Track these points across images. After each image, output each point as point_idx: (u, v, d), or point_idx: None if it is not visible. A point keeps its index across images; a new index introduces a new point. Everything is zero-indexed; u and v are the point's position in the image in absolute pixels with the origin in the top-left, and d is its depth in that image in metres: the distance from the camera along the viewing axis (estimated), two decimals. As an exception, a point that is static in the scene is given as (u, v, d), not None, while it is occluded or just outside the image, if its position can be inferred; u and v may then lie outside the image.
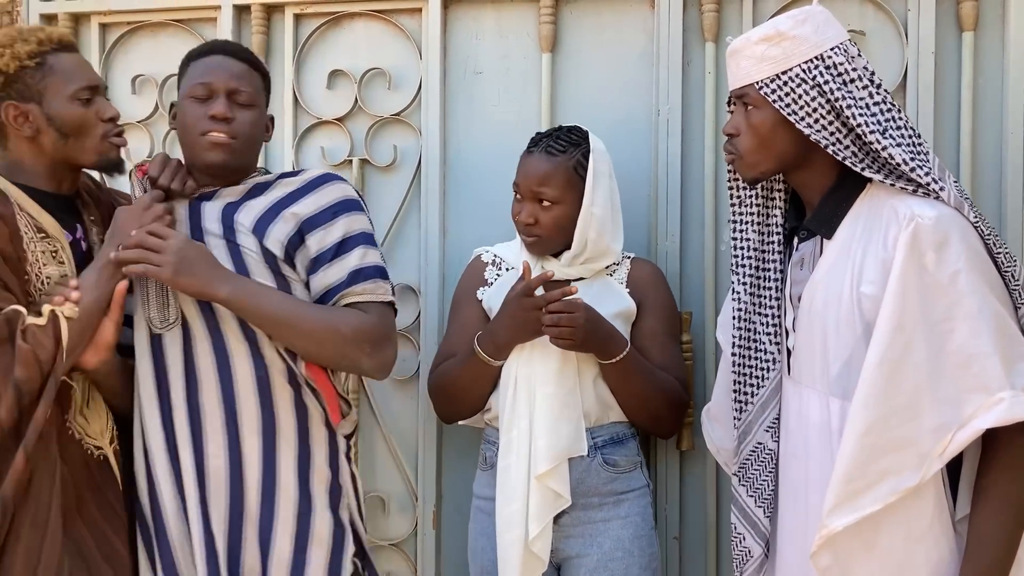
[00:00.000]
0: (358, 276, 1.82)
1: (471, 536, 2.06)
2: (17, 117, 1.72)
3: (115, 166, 1.85)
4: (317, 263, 1.82)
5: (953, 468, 1.53)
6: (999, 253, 1.51)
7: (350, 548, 1.84)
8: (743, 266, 1.75)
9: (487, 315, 2.03)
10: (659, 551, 2.01)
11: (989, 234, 1.51)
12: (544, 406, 1.90)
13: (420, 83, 2.33)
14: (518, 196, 1.98)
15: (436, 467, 2.31)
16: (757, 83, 1.59)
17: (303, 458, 1.81)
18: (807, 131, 1.56)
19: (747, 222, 1.76)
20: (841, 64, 1.55)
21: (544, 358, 1.91)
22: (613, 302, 1.97)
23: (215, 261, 1.76)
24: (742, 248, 1.76)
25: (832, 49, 1.56)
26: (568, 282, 1.99)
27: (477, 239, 2.26)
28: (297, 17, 2.39)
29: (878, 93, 1.56)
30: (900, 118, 1.56)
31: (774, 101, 1.57)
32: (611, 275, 2.03)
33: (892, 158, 1.51)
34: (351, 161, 2.35)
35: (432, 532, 2.30)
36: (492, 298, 2.03)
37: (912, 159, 1.52)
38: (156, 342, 1.80)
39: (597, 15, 2.28)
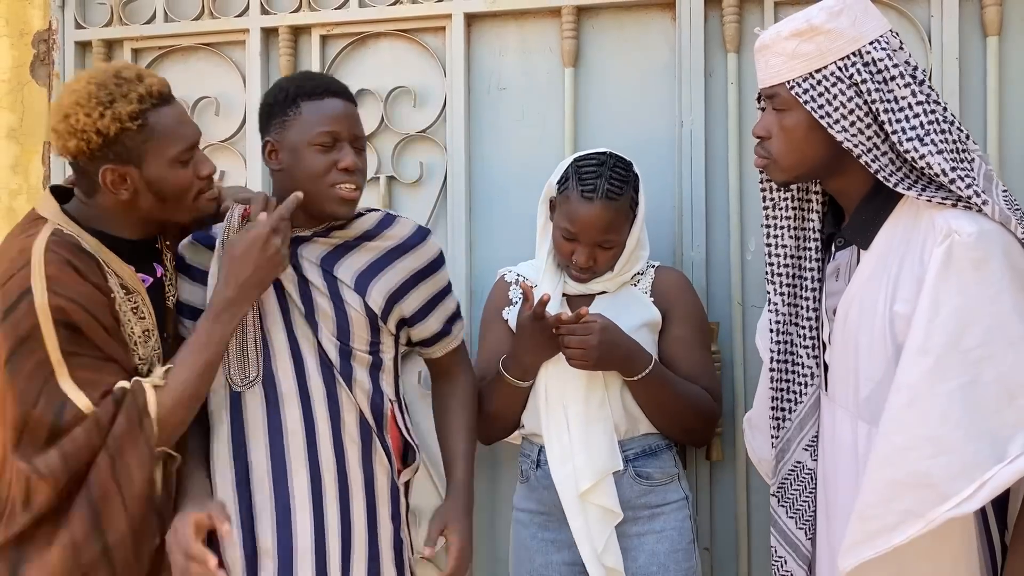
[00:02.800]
0: (454, 320, 1.94)
1: (512, 548, 2.06)
2: (115, 181, 1.59)
3: (208, 220, 1.78)
4: (420, 314, 1.87)
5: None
6: None
7: None
8: (779, 275, 1.63)
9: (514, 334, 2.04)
10: (698, 565, 1.99)
11: None
12: (576, 422, 1.91)
13: (445, 100, 2.35)
14: (569, 239, 1.92)
15: (466, 480, 2.31)
16: (788, 82, 1.46)
17: (371, 515, 1.79)
18: (840, 136, 1.44)
19: (782, 227, 1.64)
20: (881, 60, 1.41)
21: (573, 374, 1.91)
22: (637, 312, 1.97)
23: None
24: (777, 255, 1.64)
25: (872, 43, 1.42)
26: (592, 296, 2.00)
27: (503, 253, 2.28)
28: (323, 38, 2.43)
29: (921, 91, 1.42)
30: (945, 119, 1.43)
31: (806, 102, 1.45)
32: (635, 285, 2.02)
33: (930, 167, 1.39)
34: (378, 178, 2.38)
35: (463, 545, 2.31)
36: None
37: (953, 168, 1.39)
38: (235, 400, 1.74)
39: (619, 29, 2.30)
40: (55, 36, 2.58)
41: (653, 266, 2.05)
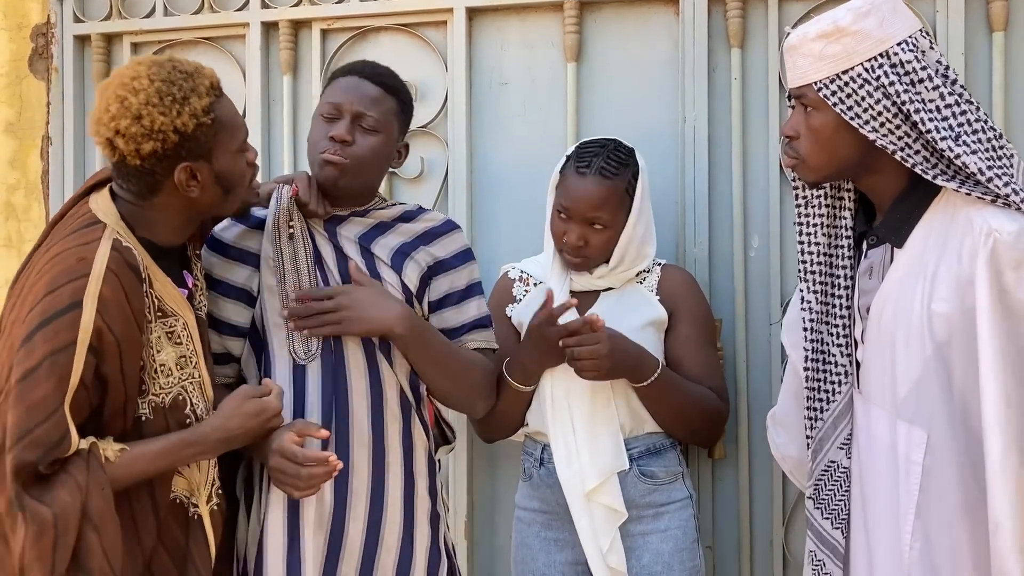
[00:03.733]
0: (478, 324, 1.90)
1: (514, 546, 2.05)
2: (188, 179, 1.55)
3: (249, 209, 1.80)
4: (441, 304, 1.88)
5: None
6: None
7: (444, 574, 1.86)
8: (812, 272, 1.62)
9: (518, 332, 2.03)
10: (702, 564, 1.98)
11: None
12: (582, 422, 1.90)
13: (446, 95, 2.34)
14: (563, 216, 1.92)
15: (468, 478, 2.30)
16: (815, 83, 1.46)
17: (408, 489, 1.82)
18: (872, 136, 1.43)
19: (815, 224, 1.62)
20: (909, 62, 1.41)
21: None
22: (643, 311, 1.96)
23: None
24: (811, 253, 1.62)
25: (899, 44, 1.42)
26: (597, 293, 1.98)
27: (505, 248, 2.27)
28: (324, 32, 2.42)
29: (951, 93, 1.42)
30: (977, 119, 1.42)
31: (834, 104, 1.44)
32: (641, 283, 2.00)
33: (966, 167, 1.39)
34: (379, 174, 2.36)
35: (465, 543, 2.30)
36: (521, 314, 2.03)
37: (990, 167, 1.38)
38: (299, 373, 1.77)
39: (621, 24, 2.28)
40: (53, 30, 2.57)
41: (659, 264, 2.04)
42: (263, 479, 1.76)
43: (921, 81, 1.42)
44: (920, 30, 1.46)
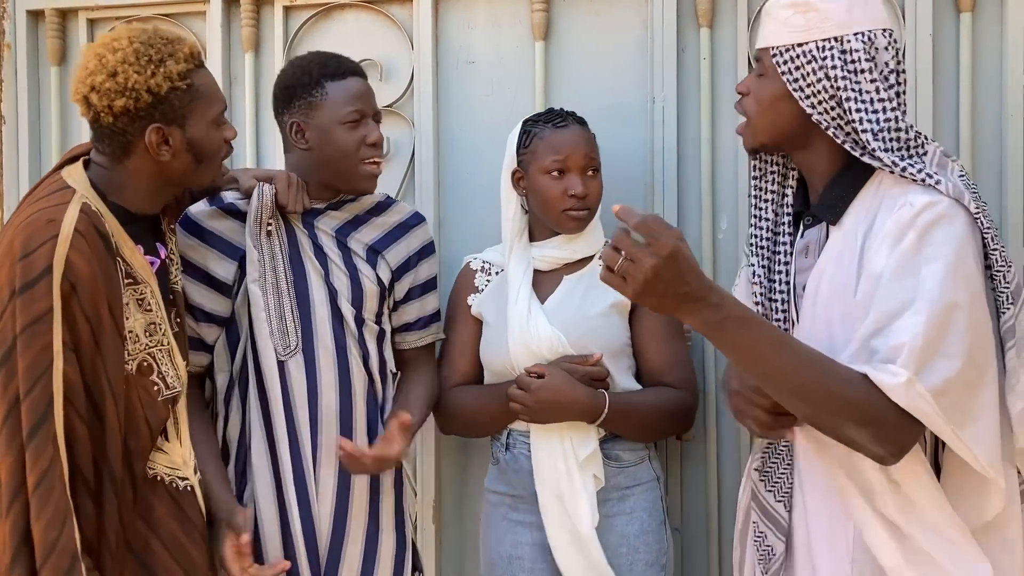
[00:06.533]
0: (435, 318, 2.04)
1: (482, 528, 2.06)
2: (158, 141, 1.58)
3: (219, 189, 1.84)
4: (405, 299, 1.98)
5: None
6: (995, 250, 1.43)
7: (409, 564, 1.91)
8: (762, 248, 1.65)
9: (479, 322, 2.03)
10: (669, 546, 1.99)
11: (989, 227, 1.43)
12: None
13: (412, 74, 2.30)
14: (557, 173, 1.91)
15: (435, 462, 2.28)
16: (772, 48, 1.51)
17: (374, 481, 1.86)
18: (809, 110, 1.50)
19: (766, 200, 1.66)
20: (857, 51, 1.46)
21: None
22: (605, 294, 1.93)
23: None
24: (760, 228, 1.65)
25: (856, 35, 1.46)
26: (560, 276, 1.98)
27: (474, 232, 2.24)
28: (287, 9, 2.36)
29: (887, 91, 1.47)
30: (902, 124, 1.48)
31: (783, 72, 1.50)
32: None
33: (879, 160, 1.46)
34: (344, 154, 2.32)
35: (432, 527, 2.28)
36: (482, 304, 2.03)
37: (903, 159, 1.46)
38: (282, 368, 1.82)
39: (590, 2, 2.25)
40: (5, 5, 2.49)
41: None
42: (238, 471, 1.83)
43: (862, 72, 1.47)
44: (885, 30, 1.50)
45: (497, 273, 2.05)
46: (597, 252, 1.99)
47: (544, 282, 1.97)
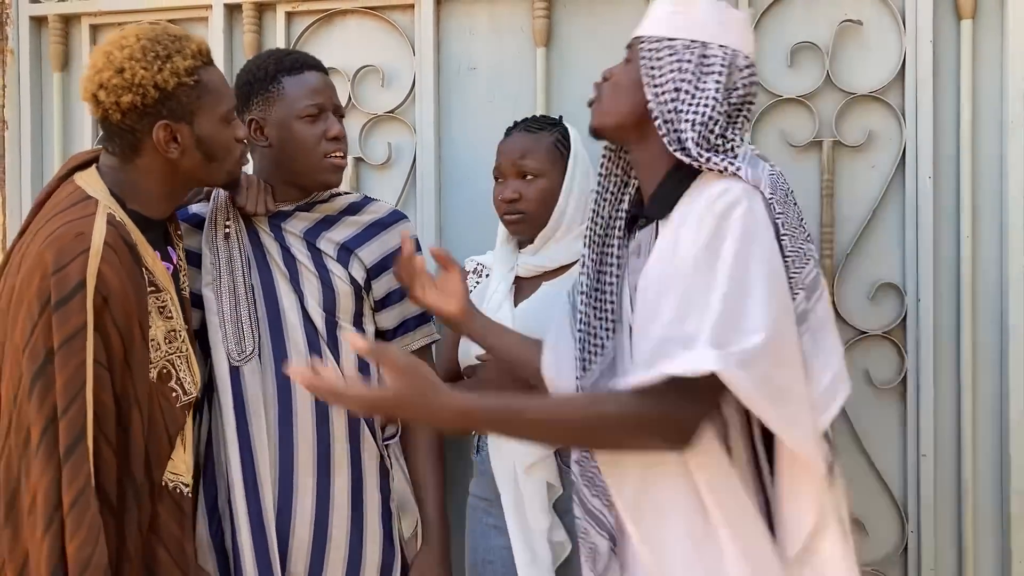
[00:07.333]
0: (422, 319, 1.96)
1: (466, 532, 2.06)
2: (167, 138, 1.57)
3: (234, 183, 1.79)
4: (385, 303, 1.91)
5: None
6: (785, 235, 1.43)
7: (398, 569, 1.87)
8: (594, 243, 1.65)
9: None
10: None
11: (782, 212, 1.44)
12: None
13: (414, 80, 2.31)
14: (499, 179, 1.96)
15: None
16: (644, 37, 1.53)
17: (356, 488, 1.82)
18: (649, 96, 1.50)
19: (606, 198, 1.66)
20: (716, 58, 1.49)
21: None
22: None
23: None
24: (596, 224, 1.65)
25: (722, 46, 1.50)
26: (539, 282, 1.97)
27: (474, 236, 2.24)
28: (289, 15, 2.37)
29: (724, 101, 1.49)
30: (724, 132, 1.50)
31: (642, 59, 1.51)
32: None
33: (687, 151, 1.47)
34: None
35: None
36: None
37: (708, 151, 1.47)
38: (235, 374, 1.77)
39: (591, 8, 2.26)
40: (8, 10, 2.50)
41: None
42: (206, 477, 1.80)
43: (710, 74, 1.49)
44: (748, 58, 1.53)
45: (487, 275, 2.06)
46: (576, 260, 1.97)
47: (524, 288, 1.98)
